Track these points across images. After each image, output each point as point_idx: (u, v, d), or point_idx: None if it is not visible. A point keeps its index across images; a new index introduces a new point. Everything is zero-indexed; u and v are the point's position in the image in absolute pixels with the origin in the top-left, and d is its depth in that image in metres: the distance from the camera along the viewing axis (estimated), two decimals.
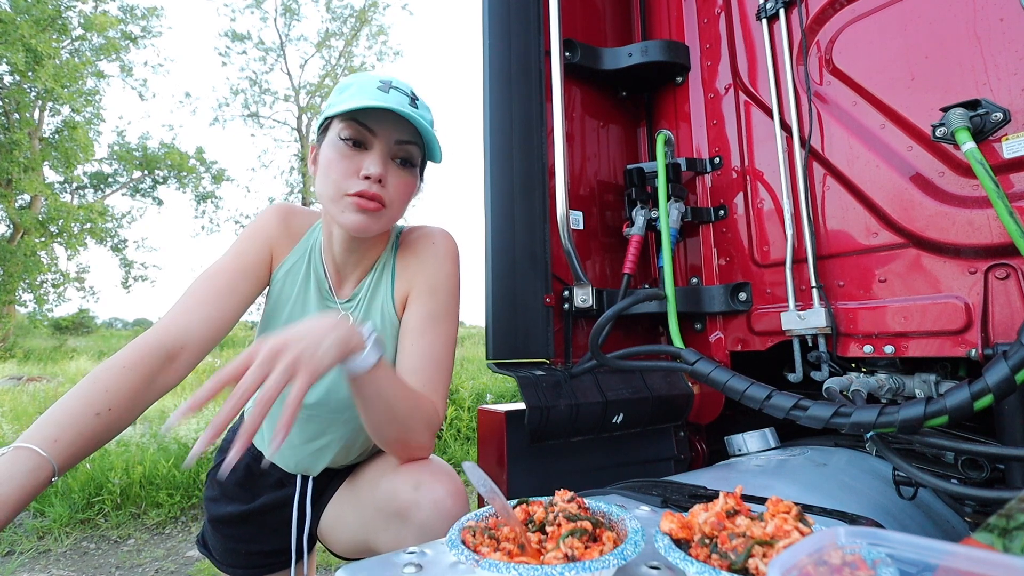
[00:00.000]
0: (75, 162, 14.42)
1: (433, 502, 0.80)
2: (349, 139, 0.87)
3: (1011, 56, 1.00)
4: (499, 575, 0.46)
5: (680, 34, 1.62)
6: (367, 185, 0.86)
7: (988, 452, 0.85)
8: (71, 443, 0.65)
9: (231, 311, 0.86)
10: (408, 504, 0.82)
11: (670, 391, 1.38)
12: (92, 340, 15.19)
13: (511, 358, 1.28)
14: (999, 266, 1.00)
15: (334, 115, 0.87)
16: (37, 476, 0.62)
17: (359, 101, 0.83)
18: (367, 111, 0.85)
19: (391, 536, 0.86)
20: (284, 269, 0.98)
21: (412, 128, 0.89)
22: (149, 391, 0.75)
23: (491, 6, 1.39)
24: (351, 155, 0.87)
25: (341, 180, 0.86)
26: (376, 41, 18.58)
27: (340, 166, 0.87)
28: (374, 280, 1.00)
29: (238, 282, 0.89)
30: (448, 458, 3.89)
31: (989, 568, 0.31)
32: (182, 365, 0.79)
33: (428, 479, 0.83)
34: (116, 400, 0.70)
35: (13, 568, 2.39)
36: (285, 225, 0.99)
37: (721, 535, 0.47)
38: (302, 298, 0.98)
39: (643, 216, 1.48)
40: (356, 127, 0.87)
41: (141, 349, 0.76)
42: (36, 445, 0.63)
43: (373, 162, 0.86)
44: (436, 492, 0.81)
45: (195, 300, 0.84)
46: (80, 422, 0.67)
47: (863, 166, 1.20)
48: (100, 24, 14.44)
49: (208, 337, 0.82)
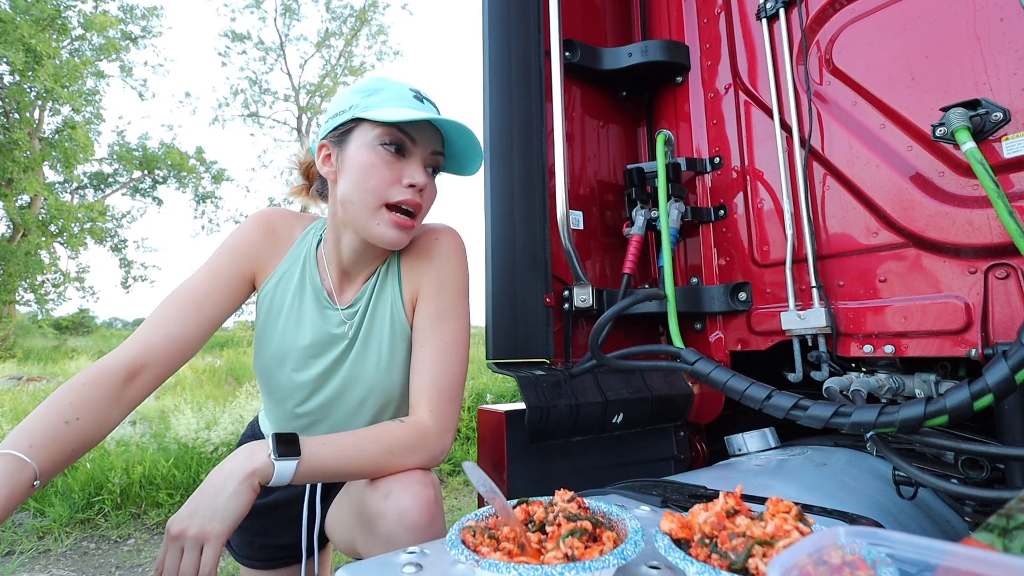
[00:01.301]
0: (75, 162, 14.42)
1: (398, 514, 0.77)
2: (392, 145, 0.86)
3: (1011, 56, 1.00)
4: (499, 575, 0.46)
5: (680, 34, 1.62)
6: (411, 194, 0.86)
7: (988, 452, 0.85)
8: (45, 447, 0.67)
9: (197, 329, 0.86)
10: (376, 514, 0.79)
11: (670, 391, 1.38)
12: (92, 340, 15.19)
13: (511, 358, 1.28)
14: (999, 266, 1.00)
15: (374, 120, 0.85)
16: (18, 477, 0.64)
17: (404, 110, 0.83)
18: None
19: (365, 543, 0.84)
20: (274, 280, 0.96)
21: (441, 138, 0.90)
22: (115, 406, 0.77)
23: (491, 6, 1.39)
24: (393, 162, 0.86)
25: (383, 188, 0.85)
26: (376, 41, 18.59)
27: (381, 173, 0.85)
28: (378, 283, 0.97)
29: (205, 301, 0.88)
30: (448, 458, 3.89)
31: (989, 568, 0.31)
32: (145, 382, 0.80)
33: (398, 490, 0.79)
34: (82, 412, 0.72)
35: (13, 568, 2.39)
36: (269, 234, 0.96)
37: (721, 535, 0.47)
38: (297, 307, 0.96)
39: (643, 216, 1.48)
40: (399, 134, 0.86)
41: (101, 368, 0.77)
42: (13, 449, 0.65)
43: (417, 171, 0.86)
44: (402, 503, 0.77)
45: (159, 318, 0.84)
46: (51, 429, 0.69)
47: (863, 166, 1.20)
48: (100, 24, 14.44)
49: (171, 355, 0.83)
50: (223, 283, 0.90)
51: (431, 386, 0.89)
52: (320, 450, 0.75)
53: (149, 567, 2.43)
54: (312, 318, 0.95)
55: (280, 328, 0.95)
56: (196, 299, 0.87)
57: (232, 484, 0.70)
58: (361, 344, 0.96)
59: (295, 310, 0.95)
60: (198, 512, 0.69)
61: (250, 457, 0.72)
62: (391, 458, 0.80)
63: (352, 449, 0.78)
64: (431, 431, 0.85)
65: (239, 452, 0.74)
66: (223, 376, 7.05)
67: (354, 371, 0.96)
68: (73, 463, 0.74)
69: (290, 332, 0.95)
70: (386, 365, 0.96)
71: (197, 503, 0.70)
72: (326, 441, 0.77)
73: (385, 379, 0.96)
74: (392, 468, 0.81)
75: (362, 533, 0.84)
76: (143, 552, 2.58)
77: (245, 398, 4.68)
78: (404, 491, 0.78)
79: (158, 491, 3.04)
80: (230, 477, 0.71)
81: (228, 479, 0.71)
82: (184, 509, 0.70)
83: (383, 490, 0.79)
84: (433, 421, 0.86)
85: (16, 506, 0.63)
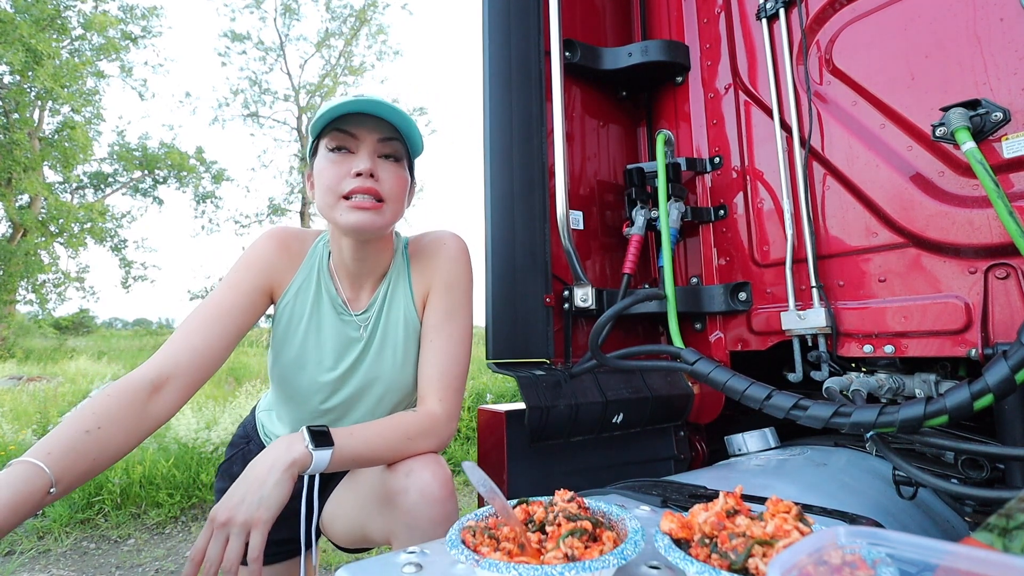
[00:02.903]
0: (75, 162, 14.41)
1: (420, 489, 0.84)
2: (335, 148, 0.92)
3: (1011, 56, 1.00)
4: (499, 575, 0.46)
5: (680, 34, 1.62)
6: (360, 181, 0.90)
7: (988, 452, 0.85)
8: (64, 456, 0.69)
9: (220, 341, 0.90)
10: (398, 490, 0.86)
11: (670, 391, 1.38)
12: (92, 340, 15.20)
13: (511, 358, 1.28)
14: (999, 266, 1.00)
15: (318, 132, 0.93)
16: (33, 484, 0.65)
17: (336, 109, 0.89)
18: (346, 118, 0.91)
19: (383, 521, 0.90)
20: (291, 292, 1.01)
21: (391, 126, 0.94)
22: (141, 418, 0.79)
23: (491, 6, 1.39)
24: (339, 160, 0.92)
25: (334, 184, 0.91)
26: (376, 41, 18.56)
27: (330, 171, 0.91)
28: (390, 289, 1.04)
29: (227, 315, 0.92)
30: (448, 458, 3.89)
31: (989, 568, 0.31)
32: (171, 394, 0.83)
33: (418, 468, 0.87)
34: (103, 422, 0.74)
35: (13, 568, 2.39)
36: (283, 250, 1.01)
37: (721, 535, 0.47)
38: (316, 316, 1.01)
39: (643, 216, 1.48)
40: (339, 135, 0.91)
41: (126, 381, 0.81)
42: (30, 458, 0.68)
43: (362, 160, 0.91)
44: (423, 479, 0.85)
45: (184, 333, 0.89)
46: (71, 439, 0.71)
47: (863, 166, 1.20)
48: (100, 24, 14.43)
49: (196, 367, 0.86)
50: (244, 296, 0.95)
51: (441, 377, 0.97)
52: (348, 439, 0.83)
53: (149, 567, 2.43)
54: (331, 325, 1.02)
55: (301, 336, 1.01)
56: (219, 313, 0.92)
57: (276, 474, 0.76)
58: (377, 346, 1.03)
59: (314, 319, 1.01)
60: (245, 500, 0.74)
61: (289, 449, 0.78)
62: (408, 443, 0.89)
63: (376, 437, 0.86)
64: (441, 418, 0.94)
65: (276, 445, 0.79)
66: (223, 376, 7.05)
67: (372, 372, 1.03)
68: (97, 473, 0.75)
69: (311, 339, 1.02)
70: (400, 363, 1.03)
71: (243, 492, 0.75)
72: (352, 431, 0.85)
73: (400, 377, 1.04)
74: (409, 452, 0.89)
75: (379, 513, 0.91)
76: (143, 552, 2.58)
77: (245, 398, 4.69)
78: (424, 469, 0.86)
79: (158, 491, 3.04)
80: (273, 468, 0.76)
81: (271, 470, 0.76)
82: (228, 499, 0.74)
83: (403, 470, 0.87)
84: (442, 409, 0.95)
85: (30, 513, 0.65)
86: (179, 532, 2.84)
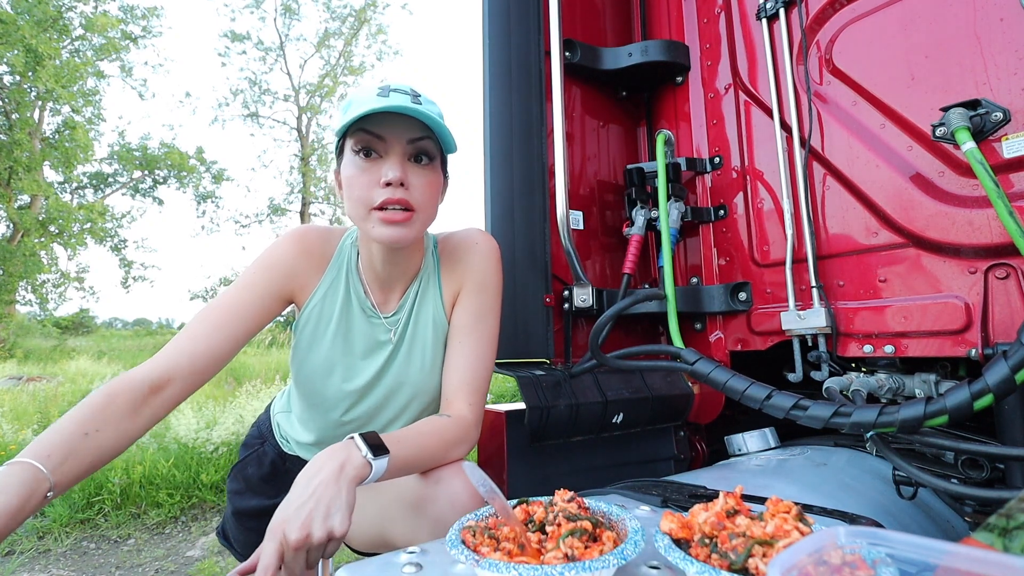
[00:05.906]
0: (75, 162, 14.41)
1: (449, 498, 0.81)
2: (361, 150, 0.87)
3: (1011, 56, 1.00)
4: (499, 575, 0.46)
5: (680, 34, 1.62)
6: (390, 192, 0.85)
7: (988, 452, 0.85)
8: (63, 459, 0.68)
9: (226, 343, 0.87)
10: (425, 497, 0.84)
11: (670, 391, 1.38)
12: (92, 340, 15.19)
13: (511, 358, 1.28)
14: (999, 266, 1.00)
15: (343, 132, 0.87)
16: (34, 487, 0.65)
17: (360, 110, 0.83)
18: (372, 118, 0.85)
19: (407, 527, 0.87)
20: (318, 296, 0.97)
21: (421, 124, 0.88)
22: (135, 418, 0.77)
23: (491, 6, 1.39)
24: (368, 166, 0.87)
25: (364, 194, 0.86)
26: (375, 40, 18.57)
27: (360, 180, 0.86)
28: (420, 290, 1.00)
29: (236, 317, 0.89)
30: None
31: (989, 568, 0.31)
32: (170, 395, 0.82)
33: (447, 475, 0.84)
34: (101, 424, 0.73)
35: (13, 568, 2.39)
36: (306, 255, 0.97)
37: (721, 535, 0.47)
38: (345, 318, 0.98)
39: (643, 216, 1.47)
40: (365, 136, 0.86)
41: (125, 380, 0.79)
42: (30, 459, 0.67)
43: (391, 167, 0.85)
44: (453, 488, 0.82)
45: (190, 333, 0.86)
46: (70, 441, 0.70)
47: (863, 166, 1.20)
48: (100, 24, 14.44)
49: (198, 369, 0.84)
50: (258, 298, 0.92)
51: (470, 381, 0.94)
52: (398, 447, 0.79)
53: (149, 567, 2.43)
54: (361, 328, 0.99)
55: (329, 339, 0.98)
56: (228, 314, 0.89)
57: (345, 483, 0.71)
58: (406, 349, 1.00)
59: (343, 321, 0.98)
60: (314, 516, 0.68)
61: (348, 460, 0.74)
62: (447, 451, 0.86)
63: (419, 447, 0.83)
64: (471, 424, 0.91)
65: (333, 456, 0.74)
66: (223, 376, 7.05)
67: (400, 376, 1.00)
68: (91, 475, 0.74)
69: (339, 343, 0.99)
70: (429, 367, 1.00)
71: (308, 509, 0.69)
72: (399, 439, 0.81)
73: (428, 381, 1.01)
74: (446, 460, 0.86)
75: (403, 519, 0.89)
76: (143, 552, 2.58)
77: (245, 398, 4.68)
78: (454, 477, 0.84)
79: (158, 491, 3.04)
80: (335, 479, 0.72)
81: (338, 480, 0.72)
82: (295, 518, 0.68)
83: (433, 478, 0.85)
84: (471, 413, 0.92)
85: (29, 515, 0.65)
86: (179, 532, 2.83)
